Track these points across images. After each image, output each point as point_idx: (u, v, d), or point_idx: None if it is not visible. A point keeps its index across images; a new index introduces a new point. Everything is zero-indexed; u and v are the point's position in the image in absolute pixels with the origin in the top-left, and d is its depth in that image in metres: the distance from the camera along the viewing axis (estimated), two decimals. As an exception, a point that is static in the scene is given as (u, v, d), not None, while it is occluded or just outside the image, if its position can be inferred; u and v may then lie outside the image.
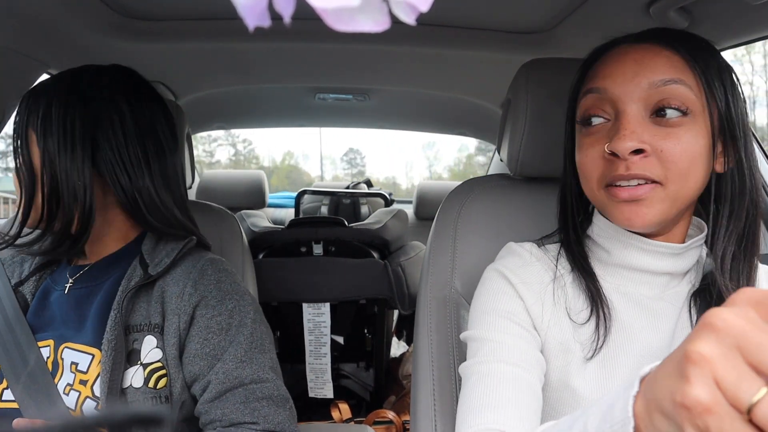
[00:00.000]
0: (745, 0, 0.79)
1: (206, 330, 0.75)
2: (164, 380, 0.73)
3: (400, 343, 2.33)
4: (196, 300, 0.76)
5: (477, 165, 5.93)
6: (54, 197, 0.75)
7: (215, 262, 0.82)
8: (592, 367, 0.63)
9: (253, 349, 0.76)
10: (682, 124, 0.59)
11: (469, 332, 0.68)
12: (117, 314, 0.73)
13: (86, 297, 0.79)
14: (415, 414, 0.82)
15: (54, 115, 0.74)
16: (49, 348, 0.75)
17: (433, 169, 6.57)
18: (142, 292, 0.77)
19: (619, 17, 1.00)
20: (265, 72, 1.55)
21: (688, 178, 0.59)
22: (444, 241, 0.87)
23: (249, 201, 2.49)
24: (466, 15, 1.16)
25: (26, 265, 0.85)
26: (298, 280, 1.61)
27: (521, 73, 0.85)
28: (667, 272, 0.65)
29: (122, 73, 0.82)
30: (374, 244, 1.78)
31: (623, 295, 0.66)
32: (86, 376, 0.72)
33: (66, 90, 0.76)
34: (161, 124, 0.82)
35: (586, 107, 0.64)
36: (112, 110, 0.77)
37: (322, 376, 1.67)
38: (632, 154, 0.58)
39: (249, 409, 0.73)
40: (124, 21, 1.14)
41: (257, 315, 0.81)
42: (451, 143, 11.38)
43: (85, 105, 0.76)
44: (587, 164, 0.63)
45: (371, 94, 1.81)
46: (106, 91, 0.78)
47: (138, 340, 0.74)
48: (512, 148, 0.86)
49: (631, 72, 0.61)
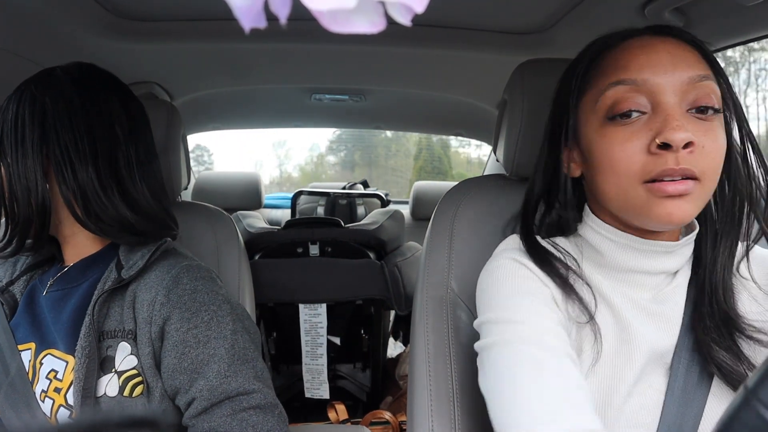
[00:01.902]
0: (739, 1, 0.79)
1: (182, 344, 0.72)
2: (140, 388, 0.71)
3: (396, 344, 2.33)
4: (167, 311, 0.72)
5: (327, 165, 5.94)
6: (11, 195, 0.74)
7: (192, 269, 0.77)
8: (605, 368, 0.62)
9: (236, 361, 0.73)
10: (714, 120, 0.59)
11: (493, 314, 0.62)
12: (90, 319, 0.71)
13: (62, 299, 0.76)
14: (411, 414, 0.82)
15: (6, 115, 0.74)
16: (30, 351, 0.74)
17: (283, 168, 6.69)
18: (116, 296, 0.75)
19: (614, 18, 1.01)
20: (260, 73, 1.55)
21: (718, 175, 0.60)
22: (440, 241, 0.87)
23: (245, 202, 2.49)
24: (462, 16, 1.16)
25: (18, 265, 0.84)
26: (295, 280, 1.61)
27: (517, 73, 0.86)
28: (661, 271, 0.65)
29: (78, 66, 0.80)
30: (371, 244, 1.78)
31: (623, 297, 0.66)
32: (60, 383, 0.70)
33: (19, 89, 0.76)
34: (118, 115, 0.78)
35: (615, 100, 0.61)
36: (60, 101, 0.74)
37: (318, 376, 1.67)
38: (684, 147, 0.56)
39: (237, 420, 0.70)
40: (118, 21, 1.13)
41: (237, 325, 0.76)
42: (302, 142, 10.82)
43: (33, 100, 0.74)
44: (623, 160, 0.59)
45: (367, 94, 1.81)
46: (55, 83, 0.76)
47: (112, 346, 0.72)
48: (508, 148, 0.86)
49: (669, 64, 0.59)
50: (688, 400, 0.60)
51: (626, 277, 0.66)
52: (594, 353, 0.62)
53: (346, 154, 6.34)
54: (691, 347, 0.63)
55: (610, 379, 0.62)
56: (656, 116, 0.58)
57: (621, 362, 0.62)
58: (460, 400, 0.79)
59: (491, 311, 0.63)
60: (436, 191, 2.66)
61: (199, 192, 2.41)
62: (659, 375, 0.62)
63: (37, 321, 0.77)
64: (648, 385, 0.62)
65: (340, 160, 6.35)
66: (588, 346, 0.63)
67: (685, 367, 0.62)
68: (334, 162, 6.38)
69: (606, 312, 0.65)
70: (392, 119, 2.33)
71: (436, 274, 0.86)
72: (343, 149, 6.29)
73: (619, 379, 0.62)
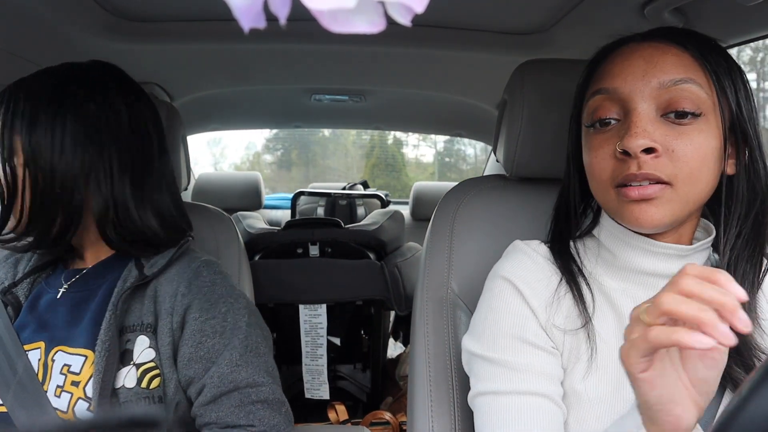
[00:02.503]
0: (739, 1, 0.79)
1: (200, 333, 0.74)
2: (157, 380, 0.73)
3: (396, 344, 2.33)
4: (188, 301, 0.75)
5: (264, 163, 5.90)
6: (38, 200, 0.73)
7: (210, 264, 0.81)
8: (604, 373, 0.62)
9: (249, 352, 0.76)
10: (693, 123, 0.58)
11: (480, 348, 0.66)
12: (112, 315, 0.72)
13: (83, 301, 0.78)
14: (411, 415, 0.82)
15: (42, 116, 0.72)
16: (39, 350, 0.74)
17: (219, 166, 6.62)
18: (137, 292, 0.77)
19: (613, 18, 1.00)
20: (260, 73, 1.55)
21: (698, 179, 0.58)
22: (440, 242, 0.87)
23: (245, 202, 2.49)
24: (462, 16, 1.16)
25: (20, 267, 0.85)
26: (295, 281, 1.61)
27: (517, 73, 0.86)
28: (673, 274, 0.64)
29: (110, 70, 0.80)
30: (371, 245, 1.78)
31: (630, 299, 0.65)
32: (78, 377, 0.71)
33: (52, 89, 0.74)
34: (153, 126, 0.81)
35: (594, 108, 0.63)
36: (107, 110, 0.75)
37: (318, 377, 1.67)
38: (644, 153, 0.57)
39: (244, 412, 0.72)
40: (118, 22, 1.13)
41: (252, 318, 0.79)
42: (239, 140, 10.54)
43: (77, 105, 0.74)
44: (597, 164, 0.62)
45: (367, 95, 1.81)
46: (99, 89, 0.76)
47: (131, 340, 0.74)
48: (508, 148, 0.86)
49: (640, 71, 0.60)
50: None
51: (638, 279, 0.65)
52: (588, 357, 0.62)
53: (283, 153, 6.29)
54: None
55: (614, 382, 0.61)
56: (624, 123, 0.60)
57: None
58: (460, 401, 0.79)
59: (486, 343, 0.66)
60: (436, 192, 2.66)
61: (198, 192, 2.41)
62: None
63: (44, 321, 0.77)
64: None
65: (276, 159, 6.35)
66: (585, 351, 0.63)
67: None
68: (270, 161, 6.35)
69: (609, 315, 0.65)
70: (392, 119, 2.33)
71: (436, 275, 0.86)
72: (280, 148, 6.27)
73: (622, 384, 0.61)
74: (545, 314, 0.65)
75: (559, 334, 0.65)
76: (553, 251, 0.70)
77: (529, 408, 0.61)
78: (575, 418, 0.62)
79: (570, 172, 0.72)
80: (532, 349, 0.64)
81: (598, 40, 0.69)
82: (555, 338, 0.65)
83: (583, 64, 0.71)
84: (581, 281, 0.66)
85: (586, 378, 0.62)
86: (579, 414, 0.62)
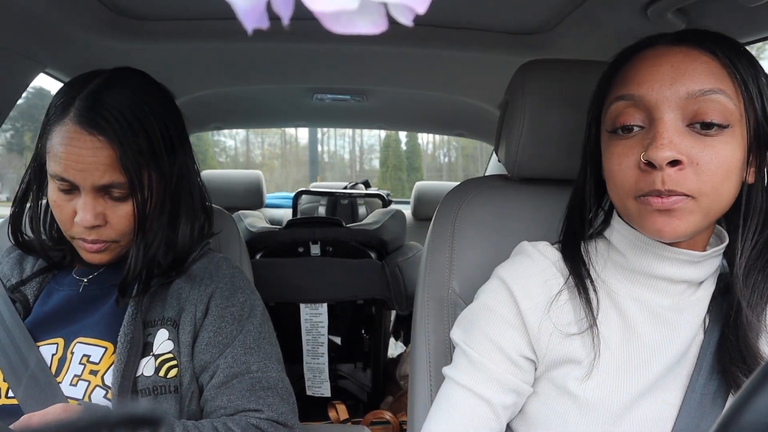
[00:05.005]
0: (742, 2, 0.79)
1: (220, 319, 0.79)
2: (175, 371, 0.76)
3: (397, 344, 2.33)
4: (212, 290, 0.80)
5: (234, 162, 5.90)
6: (142, 215, 0.77)
7: (228, 260, 0.87)
8: (604, 377, 0.62)
9: (262, 339, 0.81)
10: (719, 135, 0.56)
11: (461, 338, 0.70)
12: (135, 311, 0.76)
13: (102, 296, 0.81)
14: (412, 414, 0.82)
15: (153, 137, 0.76)
16: (57, 346, 0.76)
17: None
18: (159, 290, 0.80)
19: (616, 19, 1.00)
20: (262, 72, 1.55)
21: (721, 191, 0.57)
22: (442, 241, 0.87)
23: (246, 201, 2.49)
24: (464, 16, 1.16)
25: (27, 265, 0.85)
26: (296, 280, 1.61)
27: (519, 74, 0.86)
28: (684, 280, 0.63)
29: (145, 77, 0.84)
30: (372, 244, 1.78)
31: (638, 302, 0.64)
32: (97, 366, 0.74)
33: (131, 109, 0.74)
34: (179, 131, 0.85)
35: (617, 114, 0.61)
36: (171, 124, 0.80)
37: (319, 375, 1.67)
38: (669, 165, 0.55)
39: (254, 396, 0.76)
40: (121, 20, 1.13)
41: (264, 312, 0.86)
42: None
43: (153, 116, 0.77)
44: (619, 173, 0.60)
45: (369, 94, 1.81)
46: (167, 103, 0.81)
47: (152, 333, 0.77)
48: (510, 149, 0.86)
49: (668, 78, 0.57)
50: (704, 415, 0.58)
51: (647, 282, 0.64)
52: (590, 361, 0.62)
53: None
54: (710, 367, 0.60)
55: (613, 386, 0.61)
56: (650, 132, 0.58)
57: (628, 369, 0.61)
58: (461, 401, 0.78)
59: (466, 334, 0.69)
60: (438, 191, 2.66)
61: (200, 191, 2.41)
62: (672, 389, 0.61)
63: (60, 317, 0.79)
64: (662, 399, 0.60)
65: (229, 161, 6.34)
66: (587, 354, 0.63)
67: (702, 385, 0.60)
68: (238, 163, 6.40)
69: (614, 319, 0.65)
70: (394, 119, 2.33)
71: (437, 275, 0.86)
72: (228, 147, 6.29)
73: (624, 387, 0.61)
74: (537, 318, 0.65)
75: (558, 336, 0.65)
76: (563, 253, 0.70)
77: (468, 406, 0.65)
78: (571, 420, 0.62)
79: (586, 175, 0.70)
80: (501, 357, 0.65)
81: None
82: (542, 344, 0.65)
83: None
84: (589, 284, 0.66)
85: (586, 381, 0.62)
86: (575, 417, 0.61)
